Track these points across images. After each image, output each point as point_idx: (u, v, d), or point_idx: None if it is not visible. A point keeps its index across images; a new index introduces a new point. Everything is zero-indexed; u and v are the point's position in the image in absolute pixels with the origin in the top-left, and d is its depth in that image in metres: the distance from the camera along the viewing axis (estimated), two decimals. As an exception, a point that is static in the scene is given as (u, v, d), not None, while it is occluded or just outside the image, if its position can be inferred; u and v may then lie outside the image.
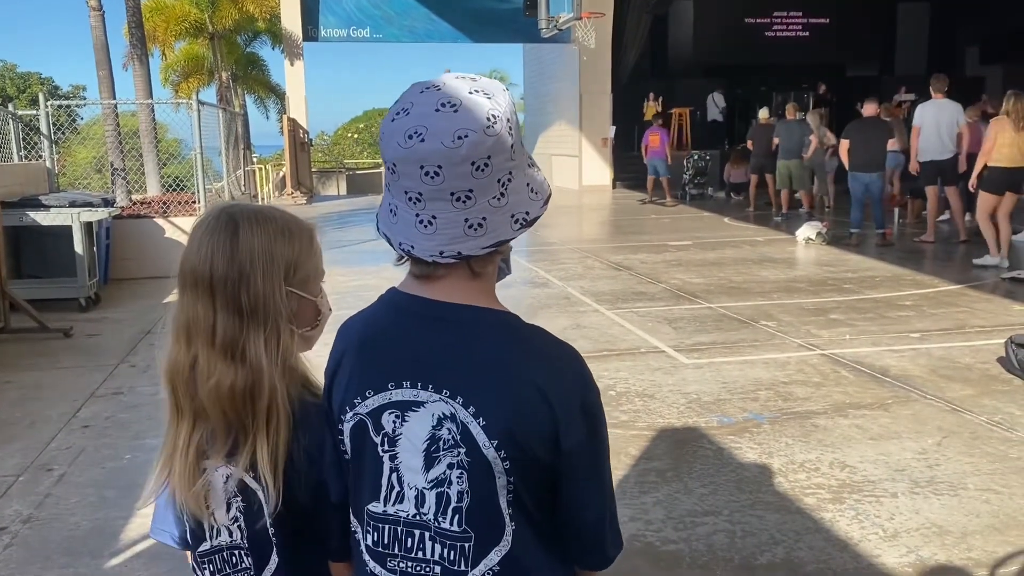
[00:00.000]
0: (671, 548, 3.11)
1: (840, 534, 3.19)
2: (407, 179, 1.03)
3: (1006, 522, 3.26)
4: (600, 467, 1.12)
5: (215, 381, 1.24)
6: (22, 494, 3.73)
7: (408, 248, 1.07)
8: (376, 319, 1.16)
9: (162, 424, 4.26)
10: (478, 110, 1.01)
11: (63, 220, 7.51)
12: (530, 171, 1.09)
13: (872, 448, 3.99)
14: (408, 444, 1.09)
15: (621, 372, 5.25)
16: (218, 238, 1.25)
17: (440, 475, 1.08)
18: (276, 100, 28.44)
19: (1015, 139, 8.24)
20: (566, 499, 1.10)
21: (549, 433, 1.05)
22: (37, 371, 5.72)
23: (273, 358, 1.25)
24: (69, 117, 10.08)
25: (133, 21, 16.28)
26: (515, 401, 1.04)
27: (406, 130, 1.02)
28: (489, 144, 1.00)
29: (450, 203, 1.02)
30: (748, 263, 9.21)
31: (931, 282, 7.93)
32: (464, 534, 1.08)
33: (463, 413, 1.05)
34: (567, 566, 1.17)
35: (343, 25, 18.24)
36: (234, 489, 1.28)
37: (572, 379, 1.08)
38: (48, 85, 41.30)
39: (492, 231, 1.04)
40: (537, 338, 1.10)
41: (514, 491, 1.07)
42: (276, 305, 1.25)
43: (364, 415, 1.11)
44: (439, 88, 1.04)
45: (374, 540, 1.13)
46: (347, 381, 1.14)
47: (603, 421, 1.12)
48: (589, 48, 17.47)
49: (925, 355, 5.50)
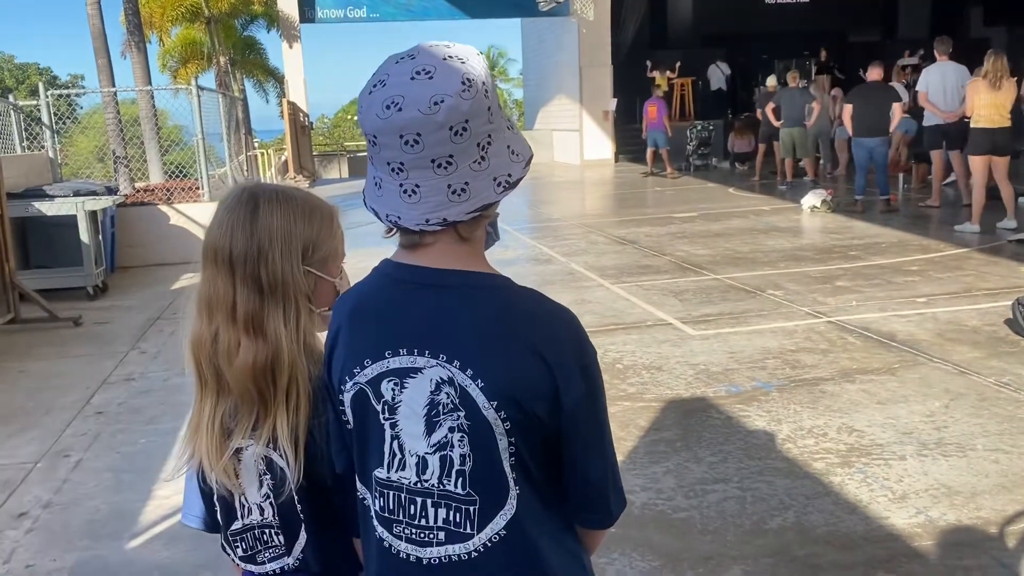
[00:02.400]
0: (682, 516, 3.14)
1: (849, 497, 3.22)
2: (388, 150, 1.04)
3: (1015, 481, 3.28)
4: (600, 425, 1.13)
5: (239, 357, 1.26)
6: (41, 480, 3.79)
7: (395, 219, 1.08)
8: (369, 290, 1.17)
9: (174, 408, 4.32)
10: (453, 75, 1.02)
11: (68, 210, 7.53)
12: (509, 133, 1.09)
13: (880, 412, 4.01)
14: (408, 411, 1.10)
15: (628, 345, 5.27)
16: (238, 215, 1.28)
17: (442, 439, 1.09)
18: (275, 84, 28.30)
19: (992, 99, 8.16)
20: (569, 458, 1.11)
21: (548, 393, 1.06)
22: (49, 360, 5.77)
23: (293, 335, 1.28)
24: (69, 106, 10.07)
25: (129, 8, 16.22)
26: (512, 362, 1.06)
27: (383, 100, 1.03)
28: (466, 108, 1.01)
29: (432, 170, 1.03)
30: (754, 233, 9.19)
31: (937, 246, 7.92)
32: (469, 497, 1.10)
33: (461, 376, 1.07)
34: (571, 530, 1.18)
35: (339, 5, 18.11)
36: (264, 467, 1.31)
37: (568, 339, 1.09)
38: (47, 75, 41.20)
39: (476, 195, 1.05)
40: (531, 299, 1.11)
41: (516, 453, 1.08)
42: (295, 283, 1.28)
43: (364, 384, 1.13)
44: (414, 57, 1.05)
45: (381, 506, 1.15)
46: (345, 353, 1.16)
47: (601, 381, 1.13)
48: (588, 21, 17.36)
49: (932, 319, 5.51)
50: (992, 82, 8.15)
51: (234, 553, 1.39)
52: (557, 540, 1.16)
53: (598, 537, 1.23)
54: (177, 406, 4.48)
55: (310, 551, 1.34)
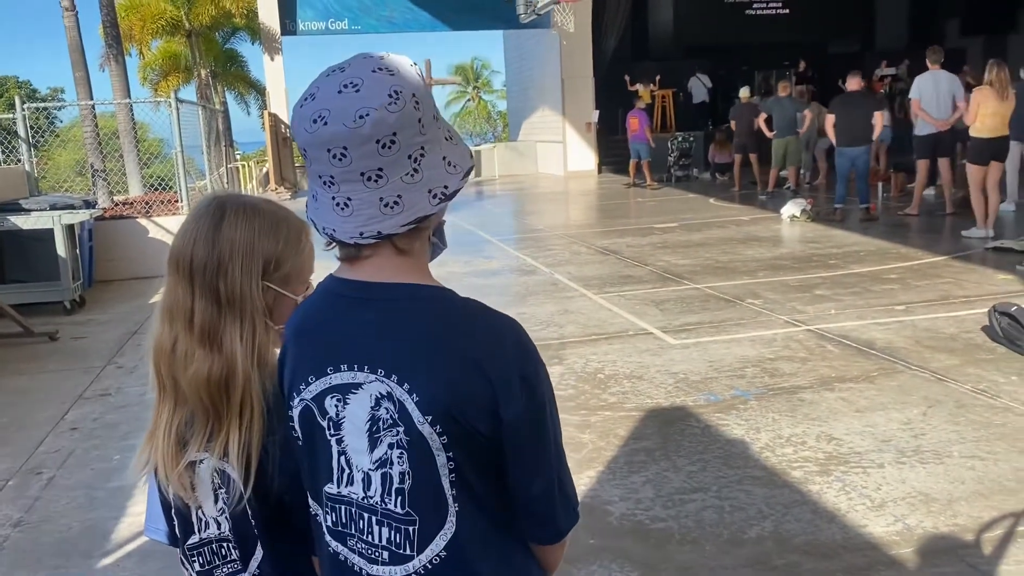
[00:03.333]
0: (661, 526, 3.13)
1: (828, 506, 3.22)
2: (318, 163, 1.03)
3: (991, 487, 3.29)
4: (543, 438, 1.09)
5: (194, 367, 1.25)
6: (12, 498, 3.72)
7: (331, 232, 1.07)
8: (313, 307, 1.16)
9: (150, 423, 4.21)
10: (380, 87, 1.00)
11: (44, 223, 7.46)
12: (447, 144, 1.08)
13: (858, 420, 4.02)
14: (351, 427, 1.09)
15: (610, 355, 5.27)
16: (203, 225, 1.27)
17: (382, 456, 1.07)
18: (257, 96, 28.26)
19: (998, 108, 8.27)
20: (511, 473, 1.08)
21: (487, 405, 1.03)
22: (24, 376, 5.69)
23: (248, 351, 1.26)
24: (47, 120, 10.00)
25: (108, 20, 16.11)
26: (449, 374, 1.03)
27: (311, 114, 1.02)
28: (392, 120, 1.00)
29: (362, 183, 1.02)
30: (733, 243, 9.23)
31: (916, 255, 7.98)
32: (408, 516, 1.07)
33: (399, 391, 1.05)
34: (524, 548, 1.15)
35: (321, 18, 18.11)
36: (219, 480, 1.29)
37: (508, 349, 1.06)
38: (25, 88, 40.88)
39: (409, 208, 1.04)
40: (470, 310, 1.09)
41: (456, 469, 1.06)
42: (253, 299, 1.26)
43: (309, 400, 1.12)
44: (343, 70, 1.04)
45: (333, 520, 1.13)
46: (292, 369, 1.15)
47: (547, 391, 1.10)
48: (569, 32, 17.43)
49: (910, 327, 5.54)
50: (1000, 92, 8.25)
51: (191, 568, 1.37)
52: (506, 560, 1.12)
53: (553, 553, 1.18)
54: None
55: (267, 566, 1.32)
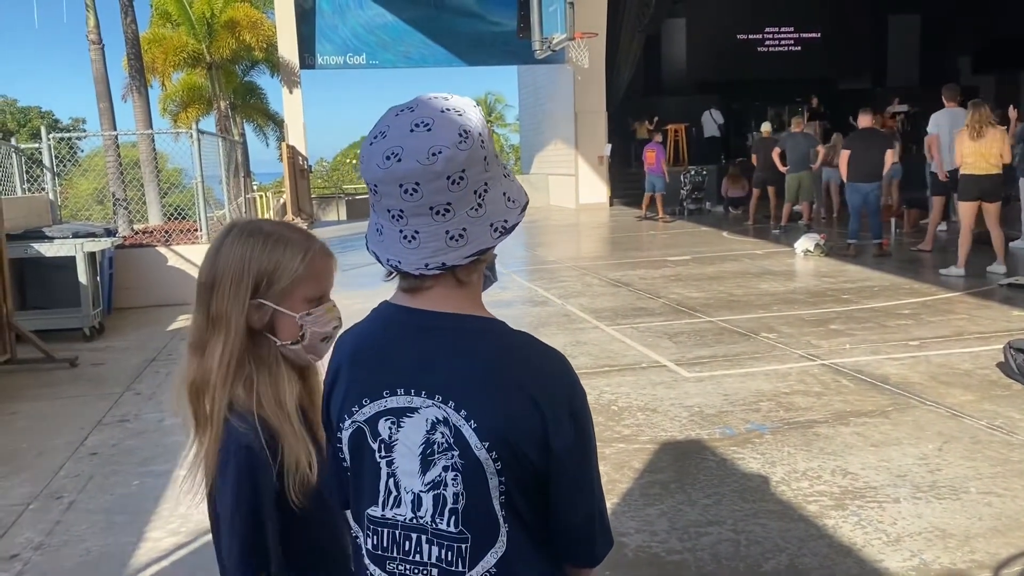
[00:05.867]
0: (676, 558, 3.14)
1: (843, 540, 3.21)
2: (388, 198, 1.08)
3: (1008, 524, 3.28)
4: (588, 468, 1.15)
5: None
6: (33, 522, 3.76)
7: (396, 263, 1.12)
8: (369, 331, 1.21)
9: (169, 450, 4.31)
10: (450, 127, 1.07)
11: (67, 251, 7.58)
12: (506, 181, 1.14)
13: (873, 455, 4.02)
14: (404, 449, 1.13)
15: (623, 387, 5.29)
16: (212, 247, 1.37)
17: (436, 478, 1.12)
18: (275, 127, 28.62)
19: (975, 148, 8.36)
20: (556, 499, 1.14)
21: (539, 435, 1.09)
22: (44, 401, 5.76)
23: (223, 366, 1.32)
24: (70, 149, 10.18)
25: (132, 53, 16.46)
26: (505, 404, 1.09)
27: (384, 152, 1.07)
28: (462, 158, 1.06)
29: (430, 217, 1.07)
30: (747, 276, 9.26)
31: (929, 290, 7.98)
32: (461, 535, 1.12)
33: (455, 417, 1.10)
34: (559, 567, 1.20)
35: (339, 52, 18.42)
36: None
37: (560, 383, 1.13)
38: (48, 119, 41.58)
39: (473, 240, 1.09)
40: (525, 343, 1.15)
41: (506, 492, 1.11)
42: (235, 317, 1.33)
43: (361, 423, 1.16)
44: (413, 110, 1.10)
45: (374, 544, 1.17)
46: (344, 392, 1.19)
47: (590, 424, 1.16)
48: (583, 68, 17.64)
49: (924, 362, 5.54)
50: (973, 131, 8.34)
51: None
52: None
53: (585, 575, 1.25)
54: (171, 447, 4.47)
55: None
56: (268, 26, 23.53)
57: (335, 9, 18.20)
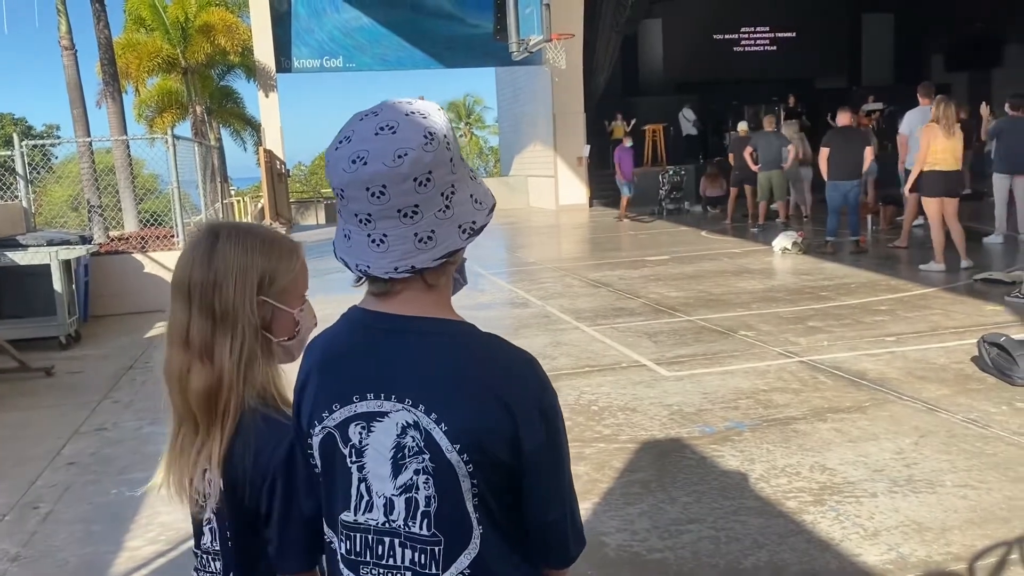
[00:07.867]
0: (657, 556, 3.15)
1: (822, 535, 3.25)
2: (356, 202, 1.09)
3: (984, 516, 3.33)
4: (560, 468, 1.16)
5: (191, 382, 1.32)
6: (9, 533, 3.72)
7: (365, 268, 1.12)
8: (338, 336, 1.21)
9: (147, 458, 4.28)
10: (416, 129, 1.07)
11: (41, 259, 7.50)
12: (472, 183, 1.15)
13: (851, 450, 4.06)
14: (375, 453, 1.13)
15: (603, 387, 5.31)
16: (199, 249, 1.35)
17: (408, 481, 1.12)
18: (252, 132, 28.44)
19: (947, 145, 8.45)
20: (528, 499, 1.15)
21: (509, 436, 1.10)
22: (20, 411, 5.69)
23: (236, 362, 1.32)
24: (44, 156, 10.07)
25: (105, 59, 16.29)
26: (474, 406, 1.09)
27: (349, 156, 1.07)
28: (428, 159, 1.06)
29: (398, 220, 1.08)
30: (726, 275, 9.32)
31: (906, 286, 8.07)
32: (433, 538, 1.12)
33: (425, 420, 1.10)
34: (534, 568, 1.21)
35: (315, 56, 18.35)
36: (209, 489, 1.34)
37: (528, 384, 1.13)
38: (21, 125, 41.08)
39: (442, 242, 1.10)
40: (493, 345, 1.15)
41: (479, 494, 1.11)
42: (246, 313, 1.33)
43: (332, 428, 1.16)
44: (377, 114, 1.11)
45: (347, 548, 1.17)
46: (314, 397, 1.19)
47: (562, 423, 1.17)
48: (560, 69, 17.66)
49: (901, 358, 5.60)
50: (946, 128, 8.43)
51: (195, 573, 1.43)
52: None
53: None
54: (150, 456, 4.43)
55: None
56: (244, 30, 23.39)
57: (311, 12, 18.13)
